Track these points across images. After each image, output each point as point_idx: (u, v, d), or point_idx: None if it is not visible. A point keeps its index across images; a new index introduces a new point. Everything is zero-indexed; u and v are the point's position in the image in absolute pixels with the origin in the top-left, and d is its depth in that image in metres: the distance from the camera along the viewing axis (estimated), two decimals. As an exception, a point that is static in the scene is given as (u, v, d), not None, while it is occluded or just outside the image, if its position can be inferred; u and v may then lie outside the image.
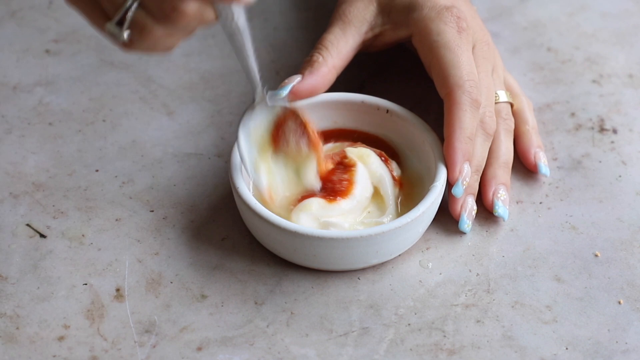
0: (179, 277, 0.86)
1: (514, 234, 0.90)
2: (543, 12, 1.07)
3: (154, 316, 0.84)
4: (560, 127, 0.97)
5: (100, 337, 0.83)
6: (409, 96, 0.97)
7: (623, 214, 0.91)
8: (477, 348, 0.82)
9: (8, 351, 0.82)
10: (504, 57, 1.01)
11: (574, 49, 1.04)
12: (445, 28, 0.90)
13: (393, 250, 0.86)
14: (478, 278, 0.87)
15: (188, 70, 1.02)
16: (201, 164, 0.94)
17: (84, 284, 0.86)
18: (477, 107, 0.88)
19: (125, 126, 0.97)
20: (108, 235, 0.89)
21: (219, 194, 0.92)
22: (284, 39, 1.05)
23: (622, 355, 0.82)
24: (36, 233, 0.89)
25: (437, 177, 0.87)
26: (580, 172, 0.94)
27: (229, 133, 0.96)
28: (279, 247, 0.86)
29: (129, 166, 0.94)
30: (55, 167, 0.94)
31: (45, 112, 0.98)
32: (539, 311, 0.84)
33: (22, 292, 0.85)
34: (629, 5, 1.08)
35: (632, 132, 0.97)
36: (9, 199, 0.91)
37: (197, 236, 0.89)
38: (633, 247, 0.88)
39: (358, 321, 0.84)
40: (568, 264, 0.87)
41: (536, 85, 1.01)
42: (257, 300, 0.85)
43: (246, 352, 0.82)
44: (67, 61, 1.02)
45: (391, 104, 0.92)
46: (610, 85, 1.01)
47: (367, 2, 0.94)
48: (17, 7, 1.07)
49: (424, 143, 0.90)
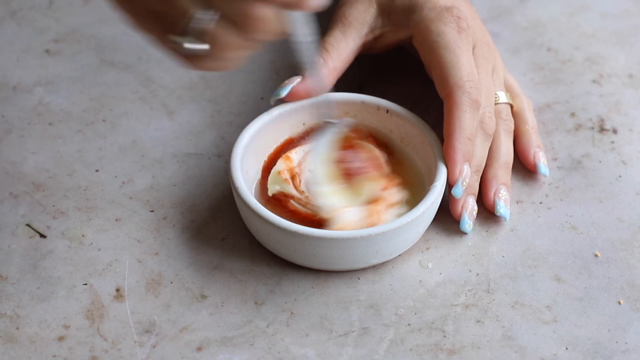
0: (179, 277, 0.86)
1: (514, 234, 0.90)
2: (543, 12, 1.07)
3: (154, 316, 0.84)
4: (560, 127, 0.97)
5: (100, 337, 0.83)
6: (409, 96, 0.97)
7: (623, 214, 0.91)
8: (477, 348, 0.82)
9: (8, 351, 0.82)
10: (504, 57, 1.01)
11: (574, 49, 1.04)
12: (445, 29, 0.90)
13: (393, 250, 0.86)
14: (478, 278, 0.87)
15: (188, 70, 1.02)
16: (201, 164, 0.94)
17: (84, 284, 0.86)
18: (477, 108, 0.88)
19: (125, 126, 0.97)
20: (108, 235, 0.89)
21: (219, 194, 0.92)
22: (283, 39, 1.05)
23: (622, 355, 0.82)
24: (36, 233, 0.89)
25: (437, 177, 0.87)
26: (580, 172, 0.94)
27: (229, 133, 0.96)
28: (279, 247, 0.86)
29: (129, 166, 0.94)
30: (55, 167, 0.94)
31: (45, 112, 0.98)
32: (539, 311, 0.84)
33: (22, 292, 0.85)
34: (629, 5, 1.08)
35: (632, 132, 0.97)
36: (9, 199, 0.91)
37: (197, 236, 0.89)
38: (633, 247, 0.88)
39: (358, 321, 0.84)
40: (568, 264, 0.87)
41: (536, 85, 1.01)
42: (257, 300, 0.85)
43: (246, 352, 0.82)
44: (67, 61, 1.02)
45: (391, 104, 0.92)
46: (610, 85, 1.01)
47: (367, 4, 0.94)
48: (17, 7, 1.07)
49: (424, 143, 0.90)
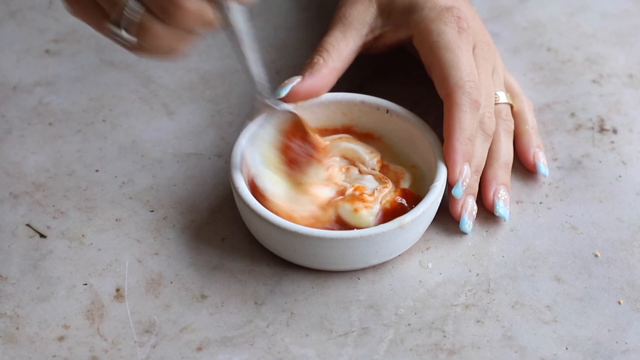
0: (179, 277, 0.86)
1: (514, 234, 0.90)
2: (543, 12, 1.07)
3: (154, 316, 0.84)
4: (560, 127, 0.97)
5: (100, 337, 0.83)
6: (409, 96, 0.97)
7: (623, 214, 0.91)
8: (477, 348, 0.82)
9: (8, 351, 0.82)
10: (504, 57, 1.01)
11: (574, 49, 1.04)
12: (445, 29, 0.90)
13: (393, 250, 0.86)
14: (478, 278, 0.87)
15: (188, 70, 1.02)
16: (201, 164, 0.94)
17: (84, 284, 0.86)
18: (477, 108, 0.88)
19: (125, 126, 0.97)
20: (108, 235, 0.89)
21: (219, 194, 0.92)
22: (284, 39, 1.05)
23: (622, 355, 0.82)
24: (36, 233, 0.89)
25: (437, 177, 0.87)
26: (580, 172, 0.94)
27: (229, 133, 0.96)
28: (279, 247, 0.86)
29: (129, 166, 0.94)
30: (55, 167, 0.94)
31: (45, 112, 0.98)
32: (539, 311, 0.84)
33: (22, 292, 0.85)
34: (629, 5, 1.08)
35: (632, 132, 0.97)
36: (9, 199, 0.91)
37: (197, 236, 0.89)
38: (633, 247, 0.88)
39: (358, 321, 0.84)
40: (568, 264, 0.87)
41: (536, 85, 1.01)
42: (257, 300, 0.85)
43: (246, 352, 0.82)
44: (67, 61, 1.02)
45: (391, 104, 0.92)
46: (610, 85, 1.01)
47: (367, 4, 0.94)
48: (17, 7, 1.07)
49: (423, 143, 0.90)
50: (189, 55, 0.81)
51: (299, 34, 1.05)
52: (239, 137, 0.88)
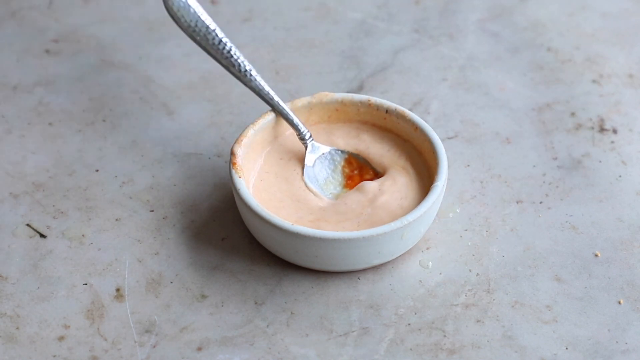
0: (179, 277, 0.86)
1: (514, 234, 0.90)
2: (543, 12, 1.08)
3: (154, 316, 0.84)
4: (560, 126, 0.97)
5: (100, 337, 0.83)
6: (409, 96, 0.97)
7: (623, 214, 0.91)
8: (477, 348, 0.82)
9: (8, 351, 0.82)
10: (504, 57, 1.01)
11: (574, 49, 1.04)
12: None
13: (395, 250, 0.86)
14: (478, 278, 0.87)
15: (188, 70, 1.02)
16: (201, 164, 0.94)
17: (84, 284, 0.86)
18: None
19: (125, 126, 0.97)
20: (108, 235, 0.89)
21: (219, 194, 0.92)
22: (284, 39, 1.05)
23: (622, 355, 0.82)
24: (36, 233, 0.89)
25: (438, 177, 0.87)
26: (580, 171, 0.94)
27: (229, 133, 0.96)
28: (280, 248, 0.86)
29: (129, 166, 0.94)
30: (55, 167, 0.94)
31: (45, 112, 0.98)
32: (539, 311, 0.85)
33: (22, 292, 0.85)
34: (629, 5, 1.08)
35: (632, 132, 0.97)
36: (9, 199, 0.91)
37: (197, 236, 0.89)
38: (633, 247, 0.89)
39: (358, 321, 0.84)
40: (568, 264, 0.88)
41: (536, 85, 1.01)
42: (257, 300, 0.85)
43: (246, 352, 0.82)
44: (67, 61, 1.03)
45: (391, 104, 0.92)
46: (610, 85, 1.01)
47: None
48: (17, 7, 1.07)
49: (423, 143, 0.90)
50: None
51: (299, 34, 1.05)
52: (240, 136, 0.89)
